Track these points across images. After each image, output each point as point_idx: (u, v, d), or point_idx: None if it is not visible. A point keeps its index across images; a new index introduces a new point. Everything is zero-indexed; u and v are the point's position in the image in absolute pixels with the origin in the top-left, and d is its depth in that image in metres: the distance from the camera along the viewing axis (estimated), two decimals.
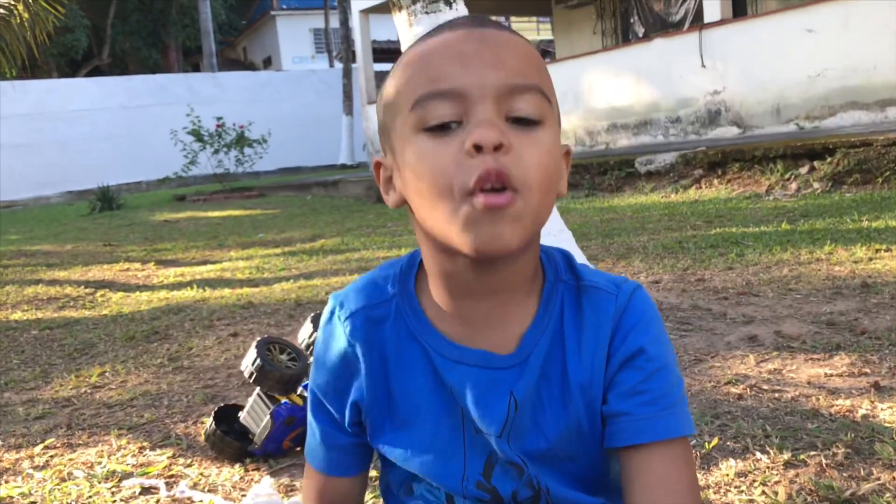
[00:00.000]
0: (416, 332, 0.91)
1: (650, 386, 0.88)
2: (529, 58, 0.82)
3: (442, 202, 0.78)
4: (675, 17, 12.08)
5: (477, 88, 0.78)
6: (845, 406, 1.96)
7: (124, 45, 29.70)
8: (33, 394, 2.79)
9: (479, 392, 0.89)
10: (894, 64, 7.58)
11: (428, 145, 0.79)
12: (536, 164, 0.78)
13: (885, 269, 3.32)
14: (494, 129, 0.76)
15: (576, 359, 0.89)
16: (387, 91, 0.87)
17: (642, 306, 0.91)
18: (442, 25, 0.85)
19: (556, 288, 0.91)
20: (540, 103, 0.80)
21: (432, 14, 2.73)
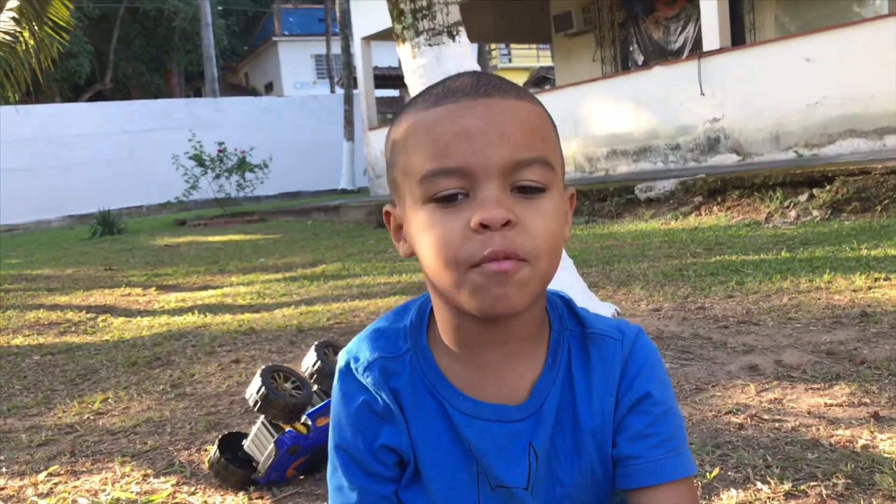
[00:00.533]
0: (433, 386, 0.92)
1: (657, 429, 0.92)
2: (534, 127, 0.83)
3: (448, 271, 0.81)
4: (675, 45, 12.20)
5: (483, 166, 0.79)
6: (845, 436, 1.97)
7: (127, 70, 29.92)
8: (36, 420, 2.80)
9: (500, 447, 0.90)
10: (892, 93, 7.65)
11: (436, 217, 0.81)
12: (543, 233, 0.81)
13: (884, 299, 3.34)
14: (500, 208, 0.78)
15: (586, 406, 0.92)
16: (390, 149, 0.88)
17: (645, 351, 0.94)
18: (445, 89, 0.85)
19: (562, 336, 0.94)
20: (545, 172, 0.82)
21: (435, 46, 2.77)
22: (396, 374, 0.93)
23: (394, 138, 0.88)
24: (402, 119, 0.87)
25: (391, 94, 25.27)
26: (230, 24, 32.05)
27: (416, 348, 0.93)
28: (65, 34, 8.86)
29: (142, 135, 20.81)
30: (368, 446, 0.93)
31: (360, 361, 0.94)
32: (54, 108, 21.36)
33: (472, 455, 0.91)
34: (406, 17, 2.87)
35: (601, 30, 13.45)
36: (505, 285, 0.79)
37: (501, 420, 0.90)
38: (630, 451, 0.91)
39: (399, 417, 0.92)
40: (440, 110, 0.82)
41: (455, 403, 0.91)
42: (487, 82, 0.84)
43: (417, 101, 0.87)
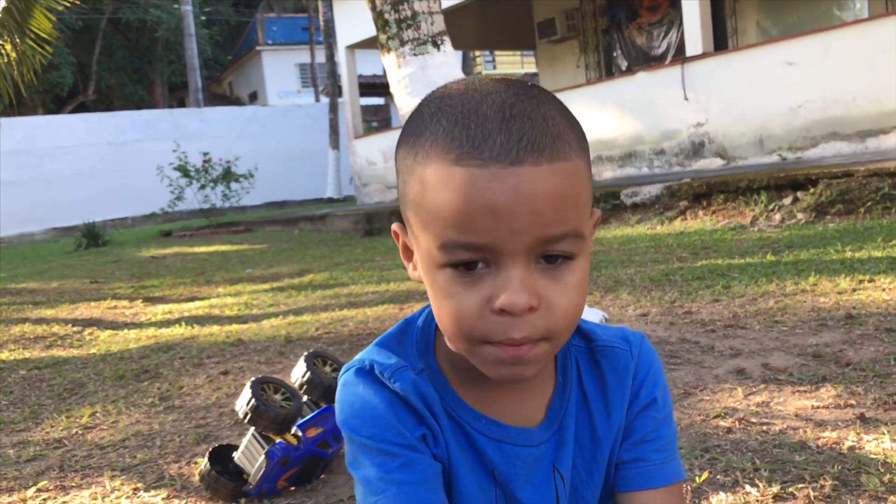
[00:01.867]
0: (451, 408, 0.88)
1: (659, 434, 0.94)
2: (567, 196, 0.75)
3: (461, 341, 0.79)
4: (658, 50, 12.27)
5: (509, 244, 0.73)
6: (832, 438, 1.99)
7: (110, 82, 29.80)
8: (23, 435, 2.79)
9: (527, 472, 0.89)
10: (873, 95, 7.72)
11: (454, 287, 0.76)
12: (567, 312, 0.77)
13: (869, 300, 3.37)
14: (525, 293, 0.74)
15: (604, 420, 0.92)
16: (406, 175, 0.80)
17: (650, 357, 0.95)
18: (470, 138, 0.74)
19: (569, 353, 0.93)
20: (574, 243, 0.76)
21: (420, 56, 2.78)
22: (424, 392, 0.87)
23: (409, 169, 0.79)
24: (421, 153, 0.77)
25: (376, 102, 25.31)
26: (213, 33, 31.96)
27: (429, 370, 0.89)
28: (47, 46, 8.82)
29: (126, 146, 20.72)
30: (411, 436, 0.85)
31: (386, 367, 0.87)
32: (37, 120, 21.24)
33: (494, 479, 0.89)
34: (391, 27, 2.88)
35: (585, 36, 13.52)
36: (518, 365, 0.77)
37: (528, 445, 0.89)
38: (634, 454, 0.93)
39: (436, 429, 0.87)
40: (465, 173, 0.72)
41: (478, 426, 0.88)
42: (520, 138, 0.73)
43: (438, 135, 0.75)
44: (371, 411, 0.85)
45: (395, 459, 0.84)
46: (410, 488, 0.83)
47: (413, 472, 0.84)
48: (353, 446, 0.87)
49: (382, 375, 0.86)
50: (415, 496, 0.83)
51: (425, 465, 0.85)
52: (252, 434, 2.03)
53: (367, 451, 0.85)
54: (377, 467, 0.84)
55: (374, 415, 0.85)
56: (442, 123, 0.76)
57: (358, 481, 0.87)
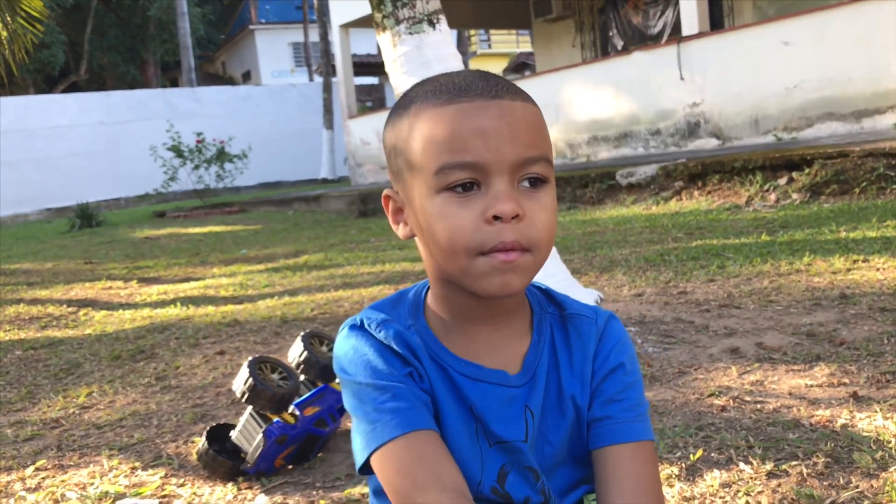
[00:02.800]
0: (436, 355, 1.00)
1: (628, 395, 1.04)
2: (538, 128, 0.93)
3: (457, 256, 0.90)
4: (654, 30, 12.22)
5: (496, 162, 0.88)
6: (825, 416, 2.00)
7: (102, 61, 29.58)
8: (21, 415, 2.79)
9: (500, 407, 1.00)
10: (868, 75, 7.72)
11: (449, 207, 0.90)
12: (545, 226, 0.91)
13: (863, 280, 3.38)
14: (512, 202, 0.88)
15: (568, 373, 1.04)
16: (401, 136, 0.95)
17: (619, 331, 1.07)
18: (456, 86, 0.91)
19: (543, 318, 1.06)
20: (546, 167, 0.93)
21: (416, 35, 2.77)
22: (410, 338, 0.99)
23: (403, 129, 0.94)
24: (412, 111, 0.93)
25: (370, 81, 25.21)
26: (206, 12, 31.71)
27: (418, 324, 1.01)
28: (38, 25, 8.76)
29: (119, 126, 20.60)
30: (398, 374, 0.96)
31: (373, 320, 1.00)
32: (28, 99, 21.07)
33: (473, 415, 1.00)
34: (386, 6, 2.86)
35: (581, 15, 13.46)
36: (508, 273, 0.89)
37: (502, 384, 1.00)
38: (603, 412, 1.02)
39: (420, 368, 0.98)
40: (455, 108, 0.89)
41: (459, 368, 0.99)
42: (496, 84, 0.92)
43: (427, 95, 0.93)
44: (362, 356, 0.97)
45: (387, 392, 0.95)
46: (403, 413, 0.94)
47: (404, 400, 0.95)
48: (349, 389, 0.98)
49: (370, 328, 0.99)
50: (407, 419, 0.93)
51: (414, 395, 0.96)
52: (249, 413, 2.03)
53: (362, 389, 0.96)
54: (371, 401, 0.95)
55: (365, 359, 0.97)
56: (427, 88, 0.94)
57: (355, 419, 0.97)
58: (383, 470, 0.93)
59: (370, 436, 0.94)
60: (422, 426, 0.94)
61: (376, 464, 0.94)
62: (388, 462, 0.93)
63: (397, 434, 0.93)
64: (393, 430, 0.93)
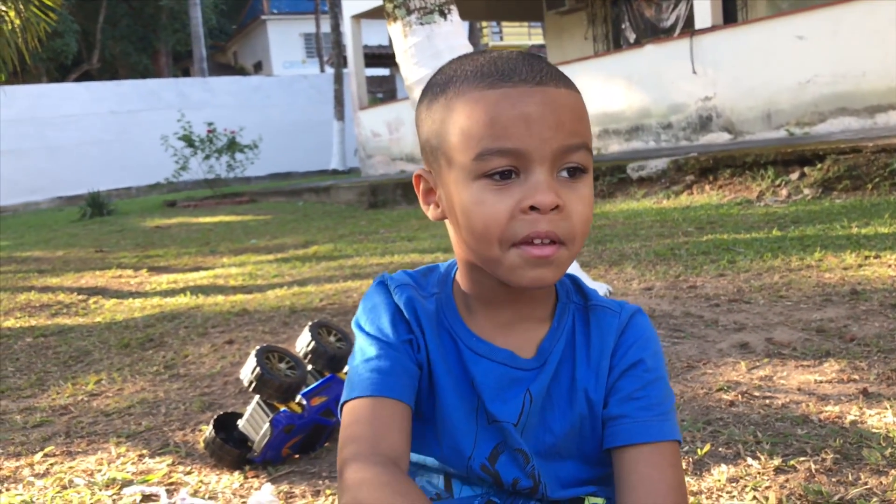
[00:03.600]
0: (451, 327, 1.01)
1: (647, 393, 0.99)
2: (581, 115, 0.91)
3: (490, 245, 0.89)
4: (666, 23, 12.16)
5: (538, 150, 0.86)
6: (834, 412, 1.99)
7: (114, 50, 29.64)
8: (30, 402, 2.81)
9: (500, 386, 0.99)
10: (883, 71, 7.66)
11: (486, 194, 0.88)
12: (582, 219, 0.90)
13: (874, 276, 3.36)
14: (552, 193, 0.86)
15: (584, 365, 1.01)
16: (437, 117, 0.93)
17: (643, 326, 1.03)
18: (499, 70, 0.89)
19: (567, 307, 1.04)
20: (586, 156, 0.91)
21: (427, 25, 2.76)
22: (422, 307, 1.01)
23: (440, 110, 0.92)
24: (451, 92, 0.91)
25: (382, 73, 25.16)
26: (218, 2, 31.74)
27: (443, 294, 1.02)
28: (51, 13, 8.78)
29: (130, 115, 20.65)
30: (397, 338, 0.99)
31: (394, 281, 1.03)
32: (41, 88, 21.13)
33: (475, 391, 0.99)
34: None
35: (593, 7, 13.40)
36: (541, 267, 0.89)
37: (508, 364, 0.99)
38: (619, 410, 0.99)
39: (420, 338, 1.00)
40: (499, 93, 0.87)
41: (469, 343, 1.00)
42: (541, 69, 0.90)
43: (467, 76, 0.91)
44: (375, 310, 1.01)
45: (377, 351, 0.97)
46: (382, 376, 0.95)
47: (390, 360, 0.97)
48: (357, 338, 1.01)
49: (390, 288, 1.02)
50: (382, 384, 0.95)
51: (401, 364, 0.97)
52: (257, 402, 2.04)
53: (361, 342, 1.00)
54: (362, 356, 0.98)
55: (376, 312, 1.01)
56: (467, 69, 0.92)
57: (348, 368, 1.00)
58: (343, 421, 0.96)
59: (347, 388, 0.97)
60: (392, 395, 0.95)
61: (342, 415, 0.96)
62: (347, 415, 0.95)
63: (367, 394, 0.94)
64: (365, 389, 0.95)
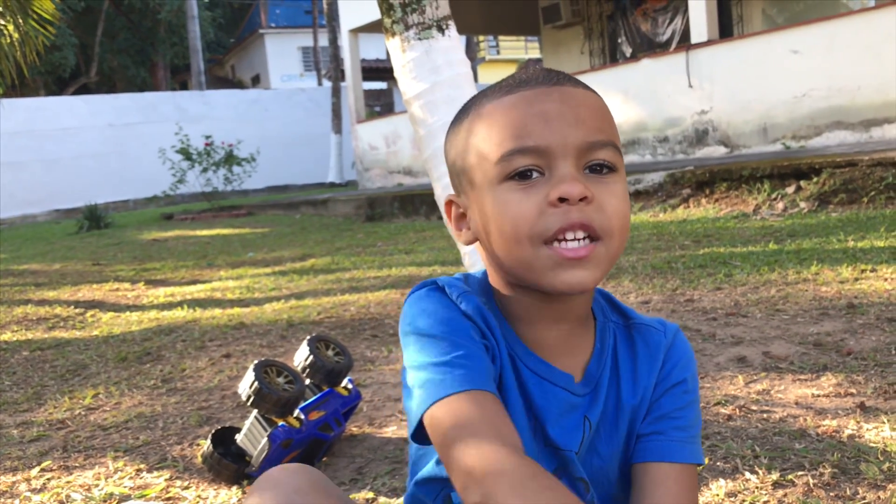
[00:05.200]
0: (508, 341, 0.95)
1: (684, 414, 1.00)
2: (604, 114, 0.90)
3: (520, 247, 0.86)
4: (662, 37, 12.22)
5: (560, 146, 0.85)
6: (832, 426, 1.99)
7: (112, 63, 29.69)
8: (27, 416, 2.80)
9: (560, 412, 0.96)
10: (878, 85, 7.69)
11: (512, 194, 0.86)
12: (617, 212, 0.87)
13: (871, 290, 3.37)
14: (578, 183, 0.84)
15: (629, 386, 1.00)
16: (461, 138, 0.93)
17: (685, 346, 1.03)
18: (517, 80, 0.90)
19: (607, 326, 1.02)
20: (614, 154, 0.88)
21: (425, 40, 2.77)
22: (489, 315, 0.94)
23: (464, 129, 0.93)
24: (473, 111, 0.93)
25: (379, 86, 25.23)
26: (216, 16, 31.82)
27: (490, 304, 0.96)
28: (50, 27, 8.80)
29: (128, 128, 20.66)
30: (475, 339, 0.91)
31: (455, 287, 0.95)
32: (39, 101, 21.12)
33: (533, 412, 0.95)
34: (395, 11, 2.87)
35: (589, 22, 13.46)
36: (578, 268, 0.85)
37: (567, 389, 0.96)
38: (654, 427, 0.98)
39: (495, 348, 0.93)
40: (516, 96, 0.88)
41: (528, 363, 0.95)
42: (558, 73, 0.90)
43: (487, 94, 0.92)
44: (442, 314, 0.91)
45: (461, 348, 0.88)
46: (472, 371, 0.87)
47: (475, 361, 0.88)
48: (417, 343, 0.90)
49: (451, 295, 0.94)
50: (475, 377, 0.86)
51: (485, 361, 0.89)
52: (255, 416, 2.04)
53: (433, 342, 0.89)
54: (442, 354, 0.88)
55: (444, 316, 0.91)
56: (488, 90, 0.93)
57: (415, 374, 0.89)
58: (441, 422, 0.84)
59: (434, 387, 0.86)
60: (488, 388, 0.87)
61: (433, 417, 0.85)
62: (447, 414, 0.84)
63: (464, 389, 0.85)
64: (460, 384, 0.85)
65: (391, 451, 2.16)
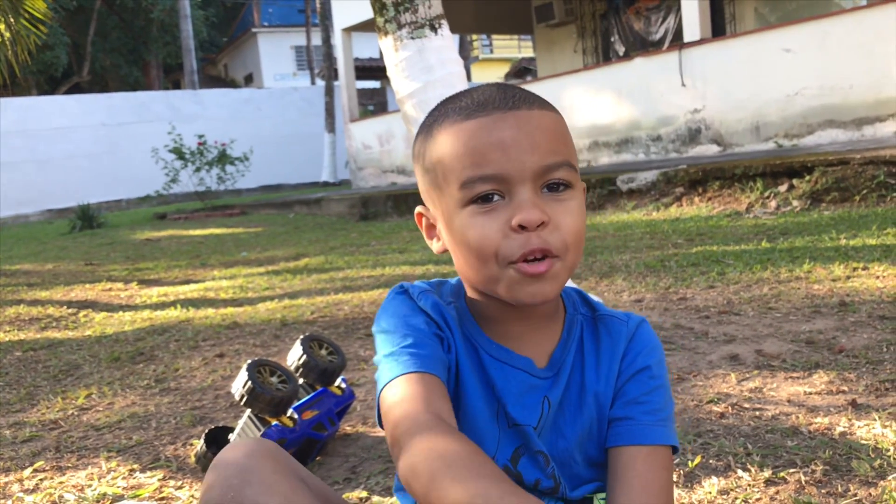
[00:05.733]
0: (471, 334, 1.04)
1: (651, 398, 1.05)
2: (559, 134, 0.96)
3: (487, 267, 0.94)
4: (655, 36, 12.24)
5: (518, 172, 0.92)
6: (824, 424, 2.00)
7: (104, 63, 29.58)
8: (19, 416, 2.79)
9: (520, 392, 1.03)
10: (870, 83, 7.73)
11: (476, 219, 0.93)
12: (571, 230, 0.94)
13: (862, 288, 3.38)
14: (537, 210, 0.91)
15: (593, 371, 1.06)
16: (429, 158, 0.99)
17: (649, 336, 1.09)
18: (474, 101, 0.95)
19: (575, 318, 1.09)
20: (569, 172, 0.95)
21: (418, 40, 2.77)
22: (447, 311, 1.04)
23: (428, 148, 0.99)
24: (435, 130, 0.98)
25: (372, 85, 25.23)
26: (209, 15, 31.73)
27: (458, 304, 1.06)
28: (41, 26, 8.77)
29: (120, 128, 20.61)
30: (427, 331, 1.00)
31: (416, 289, 1.05)
32: (31, 100, 21.06)
33: (495, 396, 1.03)
34: (388, 10, 2.87)
35: (582, 20, 13.48)
36: (539, 282, 0.93)
37: (526, 371, 1.04)
38: (624, 412, 1.04)
39: (450, 339, 1.02)
40: (474, 123, 0.93)
41: (489, 350, 1.03)
42: (513, 95, 0.95)
43: (448, 113, 0.97)
44: (398, 312, 1.02)
45: (410, 338, 0.98)
46: (420, 357, 0.96)
47: (423, 348, 0.98)
48: (378, 338, 1.02)
49: (412, 295, 1.04)
50: (423, 362, 0.96)
51: (434, 348, 0.99)
52: (248, 416, 2.03)
53: (388, 336, 1.00)
54: (394, 345, 0.98)
55: (401, 313, 1.02)
56: (449, 107, 0.98)
57: (379, 365, 0.99)
58: (386, 400, 0.94)
59: (385, 373, 0.96)
60: (434, 372, 0.95)
61: (383, 400, 0.95)
62: (392, 392, 0.94)
63: (410, 371, 0.95)
64: (407, 367, 0.95)
65: (385, 451, 2.16)
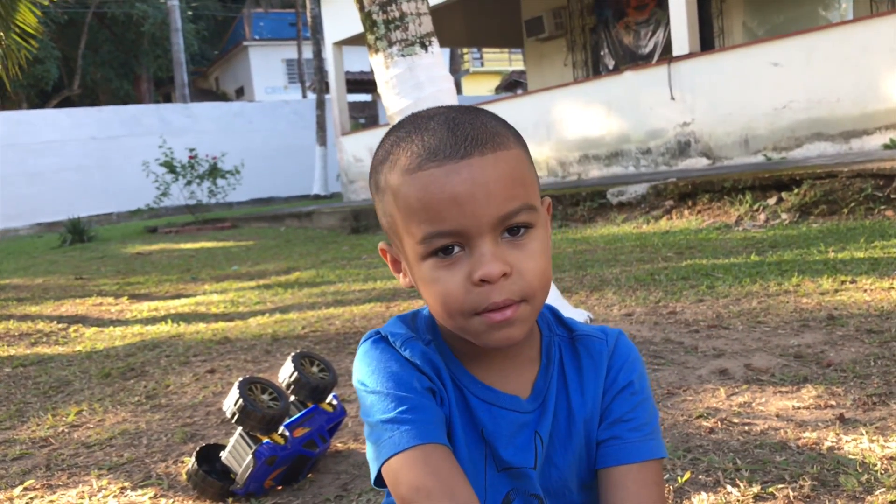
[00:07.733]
0: (454, 374, 1.00)
1: (636, 415, 1.03)
2: (515, 176, 0.90)
3: (453, 319, 0.91)
4: (645, 50, 12.31)
5: (475, 226, 0.88)
6: (812, 438, 2.02)
7: (95, 76, 29.58)
8: (9, 434, 2.78)
9: (511, 432, 1.00)
10: (856, 96, 7.79)
11: (438, 272, 0.90)
12: (535, 274, 0.91)
13: (851, 301, 3.41)
14: (497, 263, 0.87)
15: (578, 397, 1.03)
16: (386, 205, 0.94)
17: (627, 348, 1.06)
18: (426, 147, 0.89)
19: (552, 341, 1.05)
20: (529, 214, 0.91)
21: (408, 57, 2.79)
22: (434, 357, 0.99)
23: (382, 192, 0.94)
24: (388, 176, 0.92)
25: (363, 98, 25.26)
26: (200, 28, 31.79)
27: (436, 341, 1.01)
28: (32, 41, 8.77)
29: (111, 141, 20.57)
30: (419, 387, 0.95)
31: (398, 336, 0.99)
32: (21, 114, 21.02)
33: (483, 439, 1.00)
34: (379, 28, 2.89)
35: (572, 34, 13.55)
36: (506, 328, 0.90)
37: (515, 410, 1.00)
38: (610, 433, 1.02)
39: (441, 391, 0.98)
40: (425, 176, 0.88)
41: (475, 391, 1.00)
42: (464, 138, 0.88)
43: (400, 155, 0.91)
44: (385, 368, 0.96)
45: (405, 403, 0.93)
46: (420, 425, 0.92)
47: (422, 413, 0.93)
48: (367, 399, 0.96)
49: (395, 344, 0.98)
50: (424, 431, 0.92)
51: (432, 411, 0.94)
52: (239, 434, 2.04)
53: (380, 398, 0.95)
54: (389, 412, 0.93)
55: (387, 370, 0.96)
56: (400, 146, 0.92)
57: (369, 429, 0.96)
58: (396, 479, 0.91)
59: (386, 444, 0.92)
60: (438, 440, 0.92)
61: (389, 473, 0.91)
62: (401, 471, 0.90)
63: (413, 444, 0.90)
64: (410, 440, 0.91)
65: None
